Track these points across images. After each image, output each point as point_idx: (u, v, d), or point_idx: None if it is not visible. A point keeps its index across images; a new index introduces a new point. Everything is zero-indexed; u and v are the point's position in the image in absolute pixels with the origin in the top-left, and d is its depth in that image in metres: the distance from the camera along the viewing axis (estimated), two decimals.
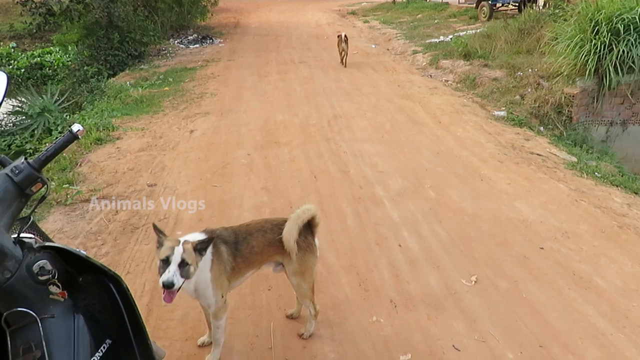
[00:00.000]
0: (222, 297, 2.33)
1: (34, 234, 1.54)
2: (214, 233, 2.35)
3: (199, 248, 2.10)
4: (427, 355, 2.65)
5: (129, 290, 1.43)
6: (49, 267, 1.27)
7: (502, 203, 4.39)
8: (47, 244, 1.38)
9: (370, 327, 2.85)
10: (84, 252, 1.42)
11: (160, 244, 2.09)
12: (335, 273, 3.34)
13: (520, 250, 3.64)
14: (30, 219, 1.47)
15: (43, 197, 1.44)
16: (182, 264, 2.01)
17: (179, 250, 2.01)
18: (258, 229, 2.47)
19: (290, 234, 2.38)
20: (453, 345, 2.71)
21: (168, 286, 1.96)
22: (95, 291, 1.43)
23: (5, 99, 1.55)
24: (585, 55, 7.38)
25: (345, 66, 11.04)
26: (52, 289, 1.27)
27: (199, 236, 2.24)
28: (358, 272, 3.36)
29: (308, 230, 2.50)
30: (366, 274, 3.33)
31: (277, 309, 2.99)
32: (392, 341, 2.75)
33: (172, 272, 1.98)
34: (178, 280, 1.98)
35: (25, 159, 1.34)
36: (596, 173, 5.35)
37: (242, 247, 2.38)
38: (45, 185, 1.37)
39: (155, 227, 2.14)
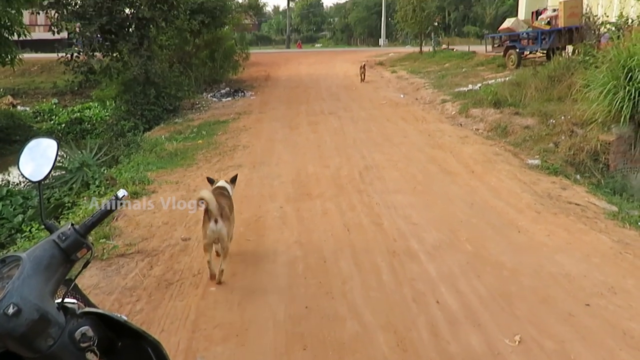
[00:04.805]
0: None
1: (76, 298, 1.55)
2: None
3: None
4: None
5: (168, 357, 1.41)
6: (90, 333, 1.26)
7: (543, 256, 4.25)
8: (89, 309, 1.38)
9: None
10: (124, 317, 1.42)
11: None
12: (372, 332, 3.24)
13: (565, 307, 3.48)
14: (72, 283, 1.48)
15: (87, 262, 1.45)
16: None
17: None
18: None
19: None
20: None
21: None
22: (134, 356, 1.41)
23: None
24: (620, 102, 7.29)
25: (361, 81, 17.21)
26: (90, 356, 1.25)
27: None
28: (395, 330, 3.25)
29: None
30: (404, 333, 3.22)
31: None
32: None
33: None
34: None
35: (72, 225, 1.36)
36: (639, 223, 5.15)
37: None
38: (90, 251, 1.38)
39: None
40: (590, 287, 3.75)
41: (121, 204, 1.46)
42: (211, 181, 4.47)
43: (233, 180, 4.50)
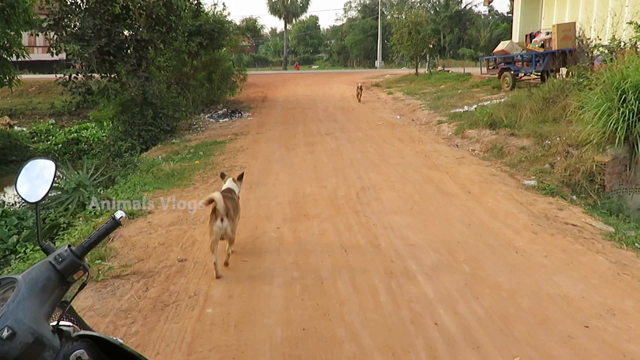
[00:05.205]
0: None
1: (72, 321, 1.53)
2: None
3: None
4: None
5: None
6: (85, 357, 1.25)
7: (541, 277, 4.23)
8: (84, 332, 1.36)
9: None
10: (120, 340, 1.40)
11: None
12: (369, 354, 3.20)
13: (563, 328, 3.46)
14: (68, 305, 1.46)
15: (83, 284, 1.44)
16: None
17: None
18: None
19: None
20: None
21: None
22: None
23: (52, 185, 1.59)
24: (614, 123, 7.35)
25: (359, 101, 17.80)
26: None
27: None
28: (394, 353, 3.22)
29: None
30: (402, 355, 3.19)
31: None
32: None
33: None
34: None
35: (69, 246, 1.35)
36: (636, 244, 5.14)
37: None
38: (87, 273, 1.37)
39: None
40: (589, 308, 3.73)
41: (119, 224, 1.46)
42: (223, 176, 5.25)
43: (240, 178, 5.19)
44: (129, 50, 12.85)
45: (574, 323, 3.54)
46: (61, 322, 1.34)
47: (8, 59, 14.56)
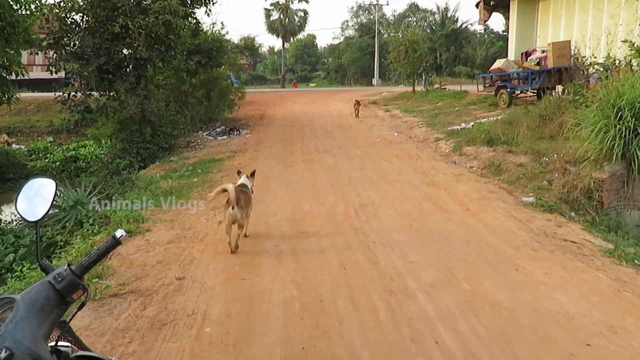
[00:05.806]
0: None
1: (70, 341, 1.51)
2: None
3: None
4: None
5: None
6: None
7: (541, 295, 4.21)
8: (82, 353, 1.35)
9: None
10: None
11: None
12: None
13: (565, 347, 3.43)
14: (67, 325, 1.45)
15: (82, 304, 1.43)
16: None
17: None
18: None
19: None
20: None
21: None
22: None
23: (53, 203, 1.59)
24: (611, 140, 7.39)
25: (357, 117, 18.47)
26: None
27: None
28: None
29: None
30: None
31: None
32: None
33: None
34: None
35: (69, 265, 1.35)
36: (636, 260, 5.14)
37: None
38: (86, 292, 1.36)
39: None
40: (590, 326, 3.71)
41: (119, 243, 1.45)
42: (239, 173, 6.26)
43: (252, 175, 6.20)
44: (128, 69, 12.94)
45: (576, 341, 3.51)
46: (59, 343, 1.33)
47: (7, 77, 14.63)
